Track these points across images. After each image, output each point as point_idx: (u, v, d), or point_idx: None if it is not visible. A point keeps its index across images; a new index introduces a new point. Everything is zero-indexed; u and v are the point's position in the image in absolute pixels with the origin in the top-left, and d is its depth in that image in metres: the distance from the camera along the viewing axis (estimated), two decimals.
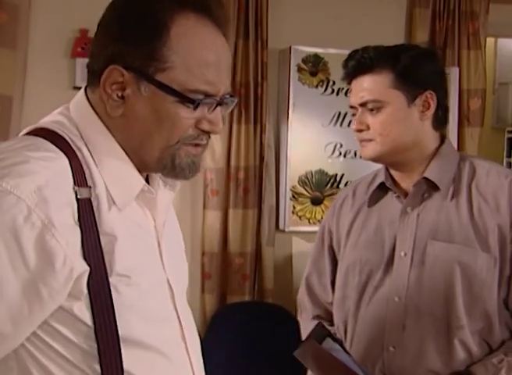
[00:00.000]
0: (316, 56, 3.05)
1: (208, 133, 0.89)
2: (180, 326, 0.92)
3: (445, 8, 3.28)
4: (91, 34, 2.73)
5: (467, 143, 3.30)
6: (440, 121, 1.40)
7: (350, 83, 1.39)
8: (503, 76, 4.85)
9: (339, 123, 3.14)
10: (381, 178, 1.42)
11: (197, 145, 0.89)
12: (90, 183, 0.83)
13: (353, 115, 1.38)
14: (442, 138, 1.41)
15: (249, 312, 2.85)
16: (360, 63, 1.35)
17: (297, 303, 1.59)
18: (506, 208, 1.30)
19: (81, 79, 2.74)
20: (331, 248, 1.51)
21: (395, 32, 3.29)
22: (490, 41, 4.22)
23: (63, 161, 0.81)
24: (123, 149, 0.87)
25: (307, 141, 3.03)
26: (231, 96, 0.91)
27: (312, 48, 3.04)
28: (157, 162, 0.87)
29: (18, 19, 2.65)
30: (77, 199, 0.79)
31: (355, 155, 3.15)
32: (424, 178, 1.35)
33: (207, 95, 0.86)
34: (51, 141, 0.83)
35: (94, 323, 0.79)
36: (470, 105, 3.30)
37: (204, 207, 3.02)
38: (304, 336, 1.51)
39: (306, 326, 1.52)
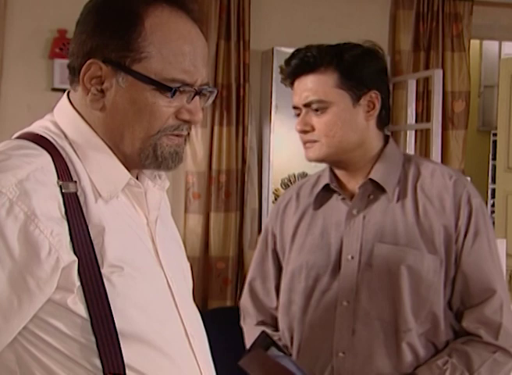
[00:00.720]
0: None
1: (188, 123, 0.91)
2: (183, 325, 0.92)
3: (428, 10, 3.32)
4: (70, 35, 2.72)
5: (452, 146, 3.35)
6: (384, 121, 1.38)
7: (292, 82, 1.36)
8: (489, 78, 4.91)
9: None
10: (325, 180, 1.40)
11: (177, 136, 0.91)
12: (75, 178, 0.85)
13: (298, 115, 1.36)
14: (386, 138, 1.42)
15: (231, 318, 2.85)
16: (303, 62, 1.33)
17: (240, 309, 1.57)
18: (451, 208, 1.31)
19: (59, 80, 2.74)
20: (275, 252, 1.49)
21: (378, 34, 3.32)
22: (475, 43, 4.28)
23: (46, 157, 0.84)
24: (107, 145, 0.90)
25: (290, 144, 3.04)
26: (210, 87, 0.93)
27: (295, 49, 3.07)
28: (138, 153, 0.89)
29: None
30: (62, 193, 0.82)
31: None
32: (370, 180, 1.35)
33: (184, 84, 0.88)
34: (35, 141, 0.87)
35: (90, 315, 0.80)
36: (454, 108, 3.35)
37: (186, 211, 3.03)
38: (248, 343, 1.49)
39: (250, 332, 1.49)
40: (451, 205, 1.32)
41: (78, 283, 0.81)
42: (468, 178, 3.08)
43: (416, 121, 3.26)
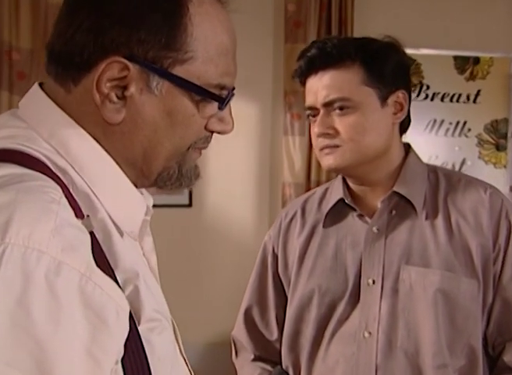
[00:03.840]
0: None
1: (215, 133, 0.77)
2: (189, 370, 0.82)
3: None
4: None
5: None
6: (405, 127, 1.28)
7: (305, 79, 1.22)
8: None
9: (434, 132, 2.95)
10: (339, 194, 1.26)
11: (201, 149, 0.77)
12: (85, 211, 0.66)
13: (313, 116, 1.21)
14: (406, 147, 1.29)
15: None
16: (324, 54, 1.18)
17: (232, 341, 1.42)
18: (488, 225, 1.18)
19: None
20: (276, 275, 1.34)
21: (504, 29, 3.06)
22: None
23: (58, 189, 0.64)
24: (116, 162, 0.72)
25: None
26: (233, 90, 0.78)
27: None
28: (160, 172, 0.74)
29: None
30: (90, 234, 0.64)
31: (453, 168, 2.93)
32: (394, 193, 1.22)
33: (223, 89, 0.73)
34: (28, 165, 0.65)
35: None
36: None
37: None
38: None
39: (246, 369, 1.36)
40: (488, 220, 1.19)
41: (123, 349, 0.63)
42: None
43: None
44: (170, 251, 2.83)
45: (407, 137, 3.01)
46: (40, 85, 0.74)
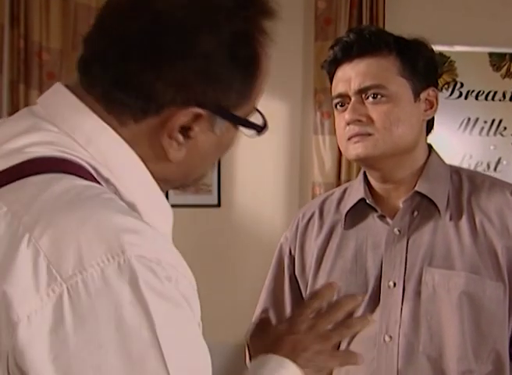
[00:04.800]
0: (440, 55, 2.85)
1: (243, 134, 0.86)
2: None
3: None
4: None
5: None
6: (430, 127, 1.27)
7: (337, 67, 1.22)
8: None
9: (468, 131, 2.91)
10: (359, 194, 1.25)
11: None
12: None
13: (341, 106, 1.21)
14: (428, 147, 1.28)
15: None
16: (363, 39, 1.18)
17: (246, 344, 1.37)
18: None
19: None
20: (293, 278, 1.32)
21: None
22: None
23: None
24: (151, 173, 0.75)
25: None
26: None
27: (436, 45, 2.81)
28: (188, 183, 0.81)
29: None
30: None
31: (488, 168, 2.89)
32: (416, 193, 1.21)
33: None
34: (79, 175, 0.66)
35: None
36: None
37: None
38: None
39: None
40: None
41: None
42: None
43: None
44: (198, 250, 2.84)
45: (440, 136, 2.98)
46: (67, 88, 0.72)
